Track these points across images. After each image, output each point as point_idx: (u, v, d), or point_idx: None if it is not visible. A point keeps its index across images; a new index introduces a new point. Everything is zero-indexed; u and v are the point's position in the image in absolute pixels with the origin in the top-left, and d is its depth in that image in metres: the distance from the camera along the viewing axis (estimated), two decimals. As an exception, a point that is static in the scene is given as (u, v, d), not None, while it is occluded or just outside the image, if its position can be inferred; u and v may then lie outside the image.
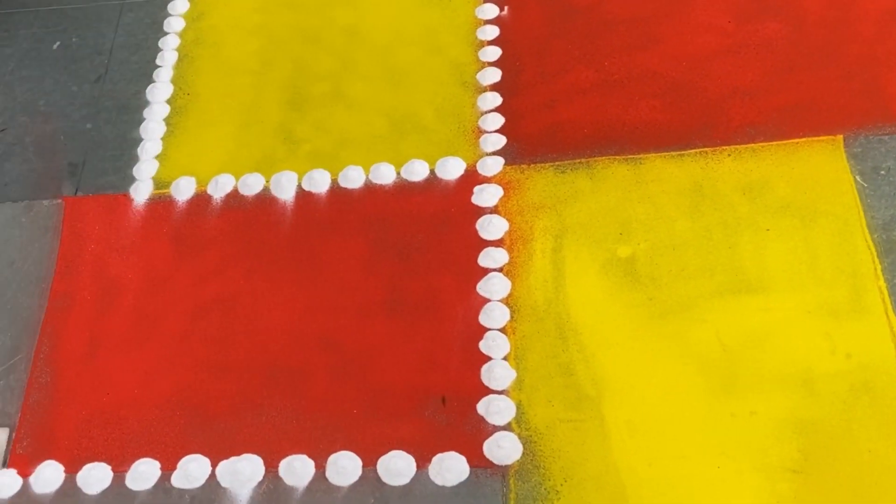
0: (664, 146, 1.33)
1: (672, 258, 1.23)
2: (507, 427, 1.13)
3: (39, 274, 1.35)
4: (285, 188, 1.39)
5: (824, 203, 1.24)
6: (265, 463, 1.14)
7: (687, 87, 1.39)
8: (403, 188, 1.37)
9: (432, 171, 1.37)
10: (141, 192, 1.42)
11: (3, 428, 1.20)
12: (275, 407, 1.19)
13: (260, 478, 1.13)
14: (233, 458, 1.15)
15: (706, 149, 1.32)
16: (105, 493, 1.14)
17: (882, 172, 1.26)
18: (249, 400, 1.20)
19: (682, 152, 1.32)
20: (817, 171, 1.27)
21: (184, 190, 1.41)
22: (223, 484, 1.13)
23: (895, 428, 1.05)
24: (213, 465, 1.15)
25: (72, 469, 1.17)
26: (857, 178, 1.26)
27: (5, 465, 1.18)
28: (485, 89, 1.45)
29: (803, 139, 1.30)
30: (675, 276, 1.21)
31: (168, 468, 1.15)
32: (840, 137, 1.30)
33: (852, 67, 1.34)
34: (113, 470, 1.16)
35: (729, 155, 1.31)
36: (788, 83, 1.33)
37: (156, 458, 1.16)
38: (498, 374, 1.17)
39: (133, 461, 1.16)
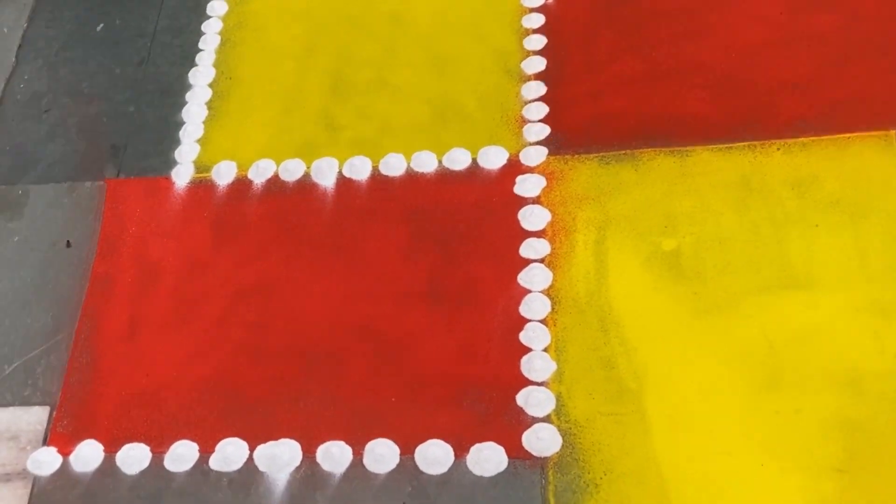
0: (712, 139, 1.31)
1: (718, 253, 1.21)
2: (547, 419, 1.11)
3: (81, 255, 1.35)
4: (326, 174, 1.39)
5: (875, 199, 1.21)
6: (303, 448, 1.14)
7: (736, 78, 1.37)
8: (445, 177, 1.36)
9: (474, 160, 1.36)
10: (182, 176, 1.42)
11: (43, 406, 1.21)
12: (313, 393, 1.18)
13: (297, 463, 1.13)
14: (270, 443, 1.15)
15: (755, 142, 1.30)
16: (144, 473, 1.15)
17: (936, 169, 1.23)
18: (287, 385, 1.19)
19: (730, 145, 1.30)
20: (868, 166, 1.24)
21: (224, 174, 1.41)
22: (261, 468, 1.13)
23: (946, 430, 1.03)
24: (251, 449, 1.15)
25: (111, 448, 1.17)
26: (910, 174, 1.23)
27: (46, 443, 1.18)
28: (529, 78, 1.43)
29: (855, 134, 1.27)
30: (720, 271, 1.19)
31: (206, 451, 1.15)
32: (893, 133, 1.27)
33: (906, 62, 1.31)
34: (152, 451, 1.16)
35: (778, 149, 1.28)
36: (840, 77, 1.30)
37: (194, 441, 1.16)
38: (538, 365, 1.16)
39: (171, 442, 1.17)
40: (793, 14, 1.41)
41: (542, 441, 1.10)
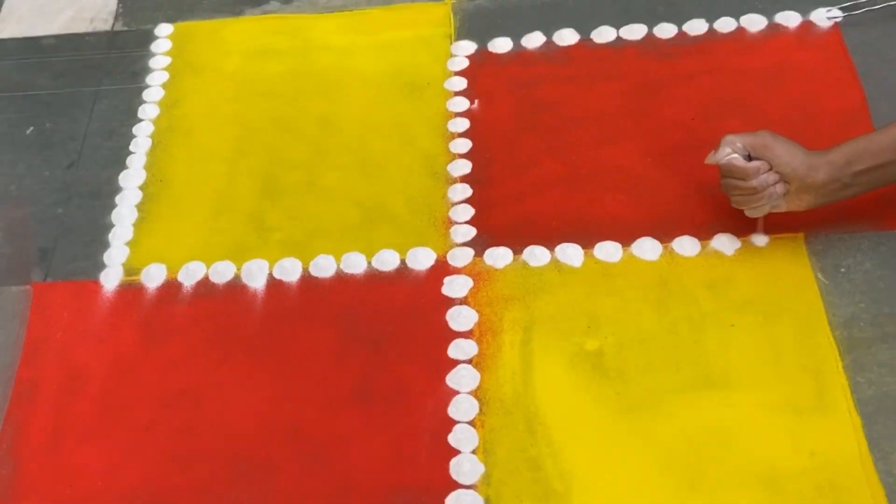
0: (630, 240, 1.36)
1: (639, 352, 1.24)
2: (476, 523, 1.12)
3: (5, 361, 1.33)
4: (256, 276, 1.40)
5: (787, 300, 1.27)
6: (230, 559, 1.13)
7: (652, 181, 1.43)
8: (374, 278, 1.38)
9: (403, 262, 1.39)
10: (111, 279, 1.42)
11: (-38, 522, 1.18)
12: (241, 500, 1.18)
13: (224, 576, 1.12)
14: (197, 556, 1.13)
15: (671, 243, 1.35)
16: (65, 591, 1.12)
17: (843, 270, 1.29)
18: (215, 493, 1.19)
19: (648, 247, 1.35)
20: (780, 267, 1.30)
21: (154, 277, 1.41)
22: (187, 582, 1.12)
23: (859, 528, 1.06)
24: (177, 563, 1.13)
25: (31, 565, 1.14)
26: (819, 275, 1.29)
27: (-37, 561, 1.15)
28: (455, 180, 1.48)
29: (766, 236, 1.33)
30: (641, 371, 1.22)
31: (131, 564, 1.13)
32: (801, 235, 1.33)
33: (812, 165, 1.37)
34: (74, 566, 1.14)
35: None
36: (750, 180, 1.35)
37: (118, 554, 1.14)
38: (466, 467, 1.17)
39: (95, 557, 1.14)
40: (703, 120, 1.48)
41: (470, 547, 1.10)
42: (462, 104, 1.58)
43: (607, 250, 1.35)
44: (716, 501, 1.10)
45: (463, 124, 1.55)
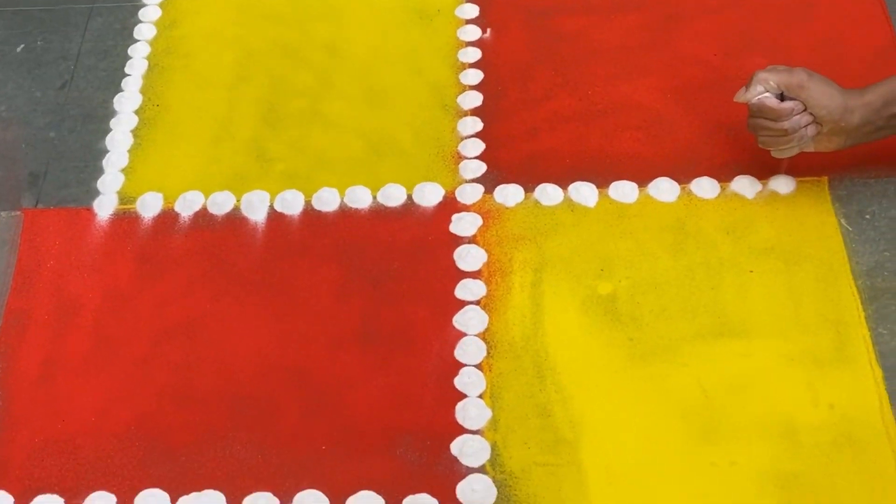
0: (647, 180, 1.31)
1: (653, 297, 1.20)
2: (482, 469, 1.09)
3: (-5, 290, 1.29)
4: (257, 208, 1.35)
5: (808, 246, 1.22)
6: (228, 500, 1.10)
7: (671, 119, 1.37)
8: (379, 213, 1.33)
9: (409, 197, 1.34)
10: (105, 207, 1.36)
11: (-50, 456, 1.14)
12: (240, 440, 1.14)
13: (222, 516, 1.09)
14: (194, 494, 1.10)
15: (689, 185, 1.30)
16: (57, 528, 1.09)
17: (867, 217, 1.24)
18: (213, 432, 1.15)
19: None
20: (802, 212, 1.25)
21: (150, 206, 1.36)
22: (183, 521, 1.09)
23: (879, 483, 1.03)
24: (173, 501, 1.10)
25: (22, 500, 1.11)
26: (842, 221, 1.24)
27: (-48, 495, 1.12)
28: (465, 113, 1.42)
29: (789, 179, 1.28)
30: (656, 317, 1.18)
31: (125, 502, 1.10)
32: (825, 179, 1.28)
33: (838, 107, 1.31)
34: (66, 502, 1.11)
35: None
36: (774, 121, 1.30)
37: (111, 492, 1.11)
38: (473, 412, 1.13)
39: (87, 493, 1.11)
40: (727, 56, 1.43)
41: (476, 493, 1.07)
42: (474, 33, 1.51)
43: (623, 190, 1.30)
44: (730, 453, 1.07)
45: (474, 54, 1.49)
